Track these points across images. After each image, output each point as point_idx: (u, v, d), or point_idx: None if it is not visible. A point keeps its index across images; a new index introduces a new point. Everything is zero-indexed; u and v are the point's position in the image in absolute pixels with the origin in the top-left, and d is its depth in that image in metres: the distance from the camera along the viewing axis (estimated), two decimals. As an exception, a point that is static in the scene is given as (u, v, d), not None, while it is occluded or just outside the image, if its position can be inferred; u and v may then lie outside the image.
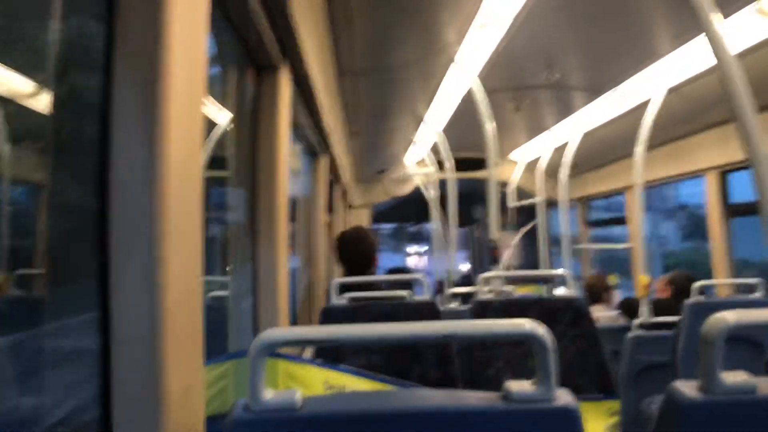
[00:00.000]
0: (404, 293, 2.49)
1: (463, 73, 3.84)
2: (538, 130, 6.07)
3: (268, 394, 0.83)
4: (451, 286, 5.52)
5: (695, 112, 4.56)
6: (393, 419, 0.83)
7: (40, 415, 1.18)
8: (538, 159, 6.82)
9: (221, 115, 2.31)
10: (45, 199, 1.36)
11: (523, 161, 7.35)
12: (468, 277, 10.31)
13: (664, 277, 4.49)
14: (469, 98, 4.03)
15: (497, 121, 3.93)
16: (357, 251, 3.09)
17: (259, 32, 1.82)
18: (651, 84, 4.03)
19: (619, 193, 6.88)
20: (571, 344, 2.44)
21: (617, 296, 5.43)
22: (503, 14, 3.09)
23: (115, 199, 0.96)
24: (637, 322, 3.63)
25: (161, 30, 0.95)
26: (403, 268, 7.78)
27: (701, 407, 0.88)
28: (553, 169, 6.43)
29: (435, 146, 5.90)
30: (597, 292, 5.02)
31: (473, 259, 11.95)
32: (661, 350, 3.19)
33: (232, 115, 2.21)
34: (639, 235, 4.36)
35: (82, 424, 1.16)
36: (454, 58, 3.67)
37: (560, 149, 6.12)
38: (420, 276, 2.66)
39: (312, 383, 1.44)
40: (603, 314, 4.71)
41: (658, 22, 3.22)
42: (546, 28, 3.38)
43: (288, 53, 2.13)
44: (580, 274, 7.45)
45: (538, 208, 6.90)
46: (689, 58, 3.50)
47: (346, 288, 2.53)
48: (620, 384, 3.26)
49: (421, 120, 5.47)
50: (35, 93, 1.27)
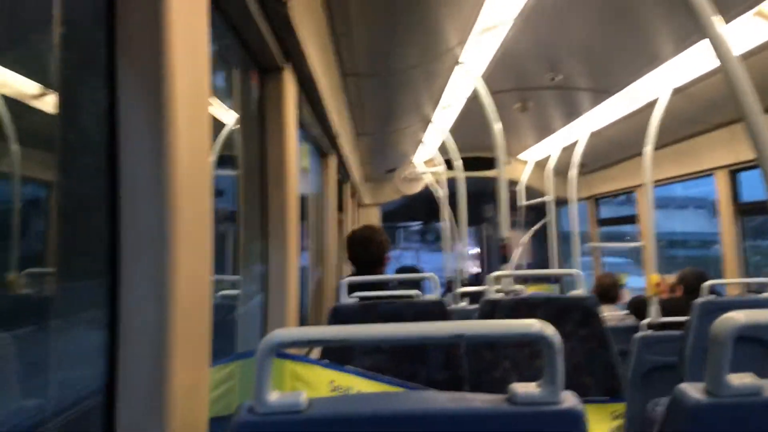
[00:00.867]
0: (413, 292, 2.49)
1: (468, 75, 3.83)
2: (546, 130, 6.06)
3: (274, 396, 0.83)
4: (460, 285, 5.52)
5: (703, 112, 4.54)
6: (398, 421, 0.83)
7: (42, 414, 1.19)
8: (547, 158, 6.80)
9: (229, 117, 2.33)
10: (55, 200, 1.37)
11: (532, 160, 7.34)
12: (478, 276, 10.29)
13: (671, 277, 4.47)
14: (475, 99, 4.03)
15: (505, 121, 3.92)
16: (367, 251, 3.09)
17: (261, 35, 1.83)
18: (657, 85, 4.01)
19: (629, 192, 6.86)
20: (580, 344, 2.43)
21: (627, 295, 5.41)
22: (506, 16, 3.09)
23: (124, 200, 0.97)
24: (645, 321, 3.62)
25: (163, 34, 0.96)
26: (412, 267, 7.77)
27: (707, 409, 0.88)
28: (563, 168, 6.41)
29: (444, 146, 5.90)
30: (606, 291, 5.00)
31: (483, 257, 11.92)
32: (669, 350, 3.17)
33: (238, 116, 2.22)
34: (650, 233, 4.34)
35: (86, 423, 1.17)
36: (459, 60, 3.66)
37: (569, 148, 6.11)
38: (429, 275, 2.66)
39: (318, 384, 1.45)
40: (611, 314, 4.69)
41: (661, 25, 3.21)
42: (549, 31, 3.38)
43: (291, 56, 2.14)
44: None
45: (548, 207, 6.88)
46: (694, 60, 3.49)
47: (356, 287, 2.53)
48: (627, 385, 3.24)
49: (428, 120, 5.47)
50: (44, 94, 1.28)
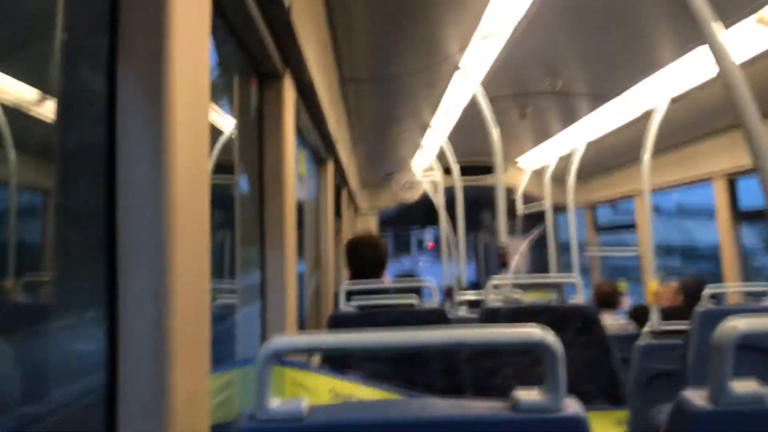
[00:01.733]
0: (413, 299, 2.49)
1: (466, 81, 3.84)
2: (544, 136, 6.06)
3: (275, 403, 0.82)
4: (460, 292, 5.51)
5: (701, 118, 4.55)
6: (399, 428, 0.82)
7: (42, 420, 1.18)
8: (545, 165, 6.81)
9: (227, 123, 2.32)
10: (52, 206, 1.36)
11: (530, 167, 7.35)
12: (477, 283, 10.30)
13: (670, 285, 4.46)
14: (474, 105, 4.03)
15: (503, 127, 3.93)
16: (367, 258, 3.09)
17: (261, 41, 1.83)
18: (655, 92, 4.02)
19: (627, 198, 6.86)
20: (580, 351, 2.42)
21: (627, 303, 5.41)
22: (506, 23, 3.09)
23: (122, 206, 0.97)
24: (646, 329, 3.61)
25: (164, 39, 0.96)
26: (411, 274, 7.77)
27: (710, 417, 0.87)
28: (561, 174, 6.42)
29: (441, 152, 5.91)
30: (606, 299, 5.00)
31: (481, 264, 11.92)
32: (670, 358, 3.17)
33: (237, 122, 2.22)
34: (648, 241, 4.34)
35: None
36: (458, 66, 3.67)
37: (567, 155, 6.12)
38: (428, 282, 2.66)
39: (318, 391, 1.44)
40: (612, 321, 4.68)
41: (660, 31, 3.22)
42: (548, 37, 3.38)
43: (290, 62, 2.14)
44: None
45: (546, 214, 6.88)
46: (693, 67, 3.49)
47: (355, 294, 2.52)
48: (629, 392, 3.23)
49: (426, 126, 5.47)
50: (42, 100, 1.27)
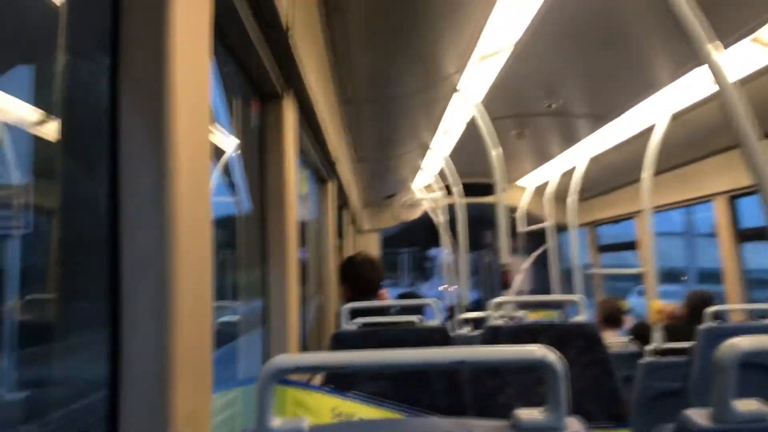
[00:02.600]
0: (415, 318, 2.48)
1: (466, 101, 3.86)
2: (544, 156, 6.09)
3: (276, 422, 0.82)
4: (462, 311, 5.49)
5: (701, 138, 4.56)
6: None
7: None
8: (546, 184, 6.82)
9: (229, 143, 2.34)
10: (56, 226, 1.36)
11: (531, 186, 7.36)
12: (479, 302, 10.26)
13: (672, 303, 4.45)
14: (474, 125, 4.05)
15: (504, 147, 3.95)
16: (365, 276, 3.08)
17: (262, 63, 1.85)
18: (654, 112, 4.04)
19: (628, 218, 6.86)
20: (583, 370, 2.41)
21: (630, 321, 5.38)
22: (504, 44, 3.12)
23: (125, 227, 0.97)
24: (649, 347, 3.59)
25: (165, 60, 0.97)
26: (413, 293, 7.74)
27: None
28: (562, 194, 6.43)
29: (443, 172, 5.92)
30: (609, 317, 4.98)
31: (484, 284, 11.90)
32: (674, 377, 3.15)
33: (239, 143, 2.23)
34: (650, 259, 4.34)
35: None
36: (457, 87, 3.69)
37: (567, 175, 6.13)
38: (431, 301, 2.65)
39: (320, 410, 1.43)
40: (614, 340, 4.66)
41: (658, 52, 3.24)
42: (547, 58, 3.41)
43: (291, 83, 2.16)
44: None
45: (548, 233, 6.88)
46: (692, 87, 3.51)
47: (357, 313, 2.51)
48: (632, 411, 3.21)
49: (427, 146, 5.49)
50: (44, 121, 1.28)
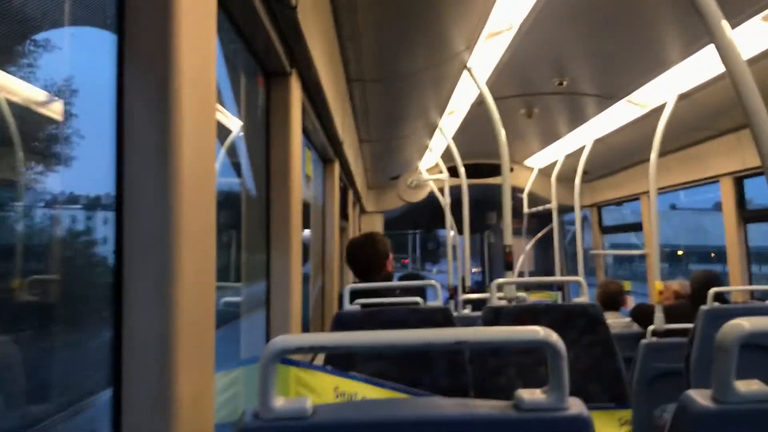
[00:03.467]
0: (417, 299, 2.49)
1: (473, 80, 3.84)
2: (551, 136, 6.06)
3: (279, 402, 0.82)
4: (464, 292, 5.50)
5: (708, 118, 4.54)
6: (404, 427, 0.83)
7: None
8: (551, 165, 6.80)
9: (233, 122, 2.33)
10: (62, 205, 1.37)
11: (536, 167, 7.34)
12: (481, 283, 10.28)
13: (674, 283, 4.45)
14: (480, 105, 4.03)
15: (510, 127, 3.92)
16: (365, 257, 3.09)
17: (268, 40, 1.83)
18: (662, 91, 4.01)
19: (633, 199, 6.85)
20: (584, 351, 2.42)
21: (631, 302, 5.39)
22: (514, 20, 3.09)
23: (128, 207, 0.97)
24: (650, 328, 3.61)
25: (171, 38, 0.96)
26: (416, 274, 7.76)
27: (714, 416, 0.87)
28: (567, 175, 6.40)
29: (448, 152, 5.90)
30: (611, 298, 4.99)
31: (486, 265, 11.92)
32: (674, 357, 3.17)
33: (243, 122, 2.22)
34: (654, 241, 4.33)
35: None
36: (465, 65, 3.67)
37: (573, 155, 6.10)
38: (432, 282, 2.66)
39: (323, 390, 1.44)
40: (616, 321, 4.67)
41: (668, 30, 3.21)
42: (555, 36, 3.38)
43: (297, 61, 2.14)
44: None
45: (553, 215, 6.87)
46: (701, 65, 3.48)
47: (359, 294, 2.52)
48: (633, 392, 3.23)
49: (433, 126, 5.47)
50: (48, 101, 1.28)
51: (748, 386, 0.88)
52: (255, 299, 2.20)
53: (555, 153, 6.56)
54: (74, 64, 1.27)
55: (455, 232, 6.90)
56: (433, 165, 7.19)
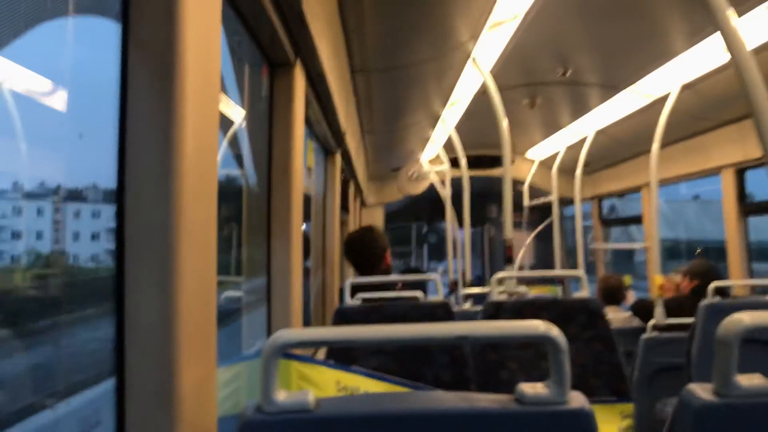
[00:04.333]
0: (418, 294, 2.49)
1: (477, 70, 3.83)
2: (553, 127, 6.04)
3: (281, 395, 0.83)
4: (465, 286, 5.50)
5: (711, 108, 4.52)
6: (406, 421, 0.83)
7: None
8: (552, 157, 6.78)
9: (236, 112, 2.32)
10: (62, 197, 1.37)
11: (537, 159, 7.32)
12: (481, 277, 10.28)
13: (675, 276, 4.43)
14: (482, 95, 4.01)
15: (512, 118, 3.91)
16: (363, 251, 3.09)
17: (272, 30, 1.82)
18: (666, 81, 4.00)
19: (634, 191, 6.83)
20: (585, 346, 2.42)
21: (632, 297, 5.39)
22: (517, 11, 3.08)
23: (130, 198, 0.97)
24: (651, 323, 3.61)
25: (175, 27, 0.95)
26: (416, 269, 7.76)
27: (716, 410, 0.87)
28: (568, 167, 6.39)
29: (449, 143, 5.89)
30: (611, 293, 4.98)
31: (486, 258, 11.91)
32: (675, 352, 3.17)
33: (246, 112, 2.21)
34: (654, 234, 4.33)
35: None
36: (469, 55, 3.65)
37: (574, 147, 6.09)
38: (433, 276, 2.65)
39: (325, 384, 1.44)
40: (616, 315, 4.67)
41: (673, 19, 3.19)
42: (560, 26, 3.37)
43: (301, 51, 2.13)
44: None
45: (553, 207, 6.86)
46: (705, 55, 3.47)
47: (360, 288, 2.52)
48: (633, 386, 3.24)
49: (435, 117, 5.45)
50: (52, 90, 1.27)
51: (749, 380, 0.88)
52: (256, 293, 2.20)
53: (556, 144, 6.54)
54: (78, 53, 1.27)
55: (456, 225, 6.89)
56: (434, 156, 7.17)
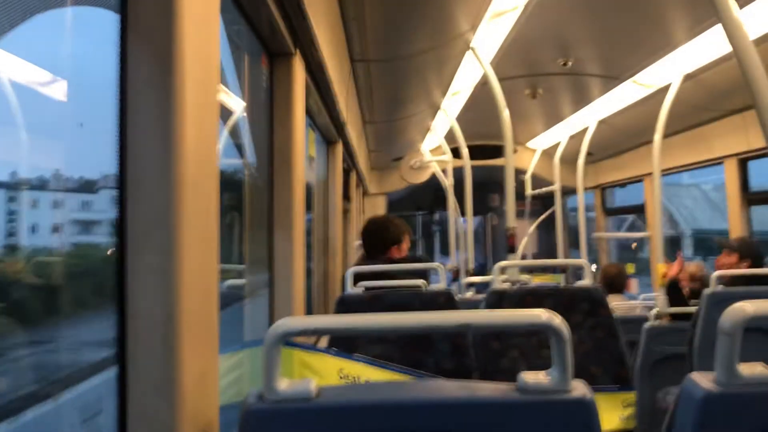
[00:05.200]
0: (420, 282, 2.49)
1: (477, 60, 3.81)
2: (555, 117, 6.02)
3: (283, 384, 0.83)
4: (467, 275, 5.50)
5: (714, 99, 4.51)
6: (408, 409, 0.83)
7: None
8: (555, 146, 6.77)
9: (236, 103, 2.31)
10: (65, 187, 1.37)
11: (539, 149, 7.31)
12: (484, 266, 10.28)
13: (690, 265, 4.38)
14: (484, 85, 4.00)
15: (513, 108, 3.90)
16: (372, 238, 3.10)
17: (271, 19, 1.82)
18: (668, 71, 3.98)
19: (636, 181, 6.82)
20: (588, 334, 2.42)
21: (634, 285, 5.39)
22: (518, 1, 3.06)
23: (132, 187, 0.97)
24: (653, 312, 3.61)
25: (174, 17, 0.95)
26: (419, 257, 7.76)
27: (717, 399, 0.87)
28: (570, 156, 6.38)
29: (451, 133, 5.88)
30: (613, 281, 4.98)
31: (489, 247, 11.91)
32: (678, 341, 3.17)
33: (246, 102, 2.21)
34: (657, 223, 4.32)
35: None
36: (469, 45, 3.64)
37: (577, 137, 6.08)
38: (435, 265, 2.65)
39: (327, 372, 1.45)
40: (619, 304, 4.67)
41: (674, 9, 3.18)
42: (561, 16, 3.35)
43: (301, 41, 2.13)
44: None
45: (556, 196, 6.85)
46: (707, 46, 3.45)
47: (363, 277, 2.52)
48: (636, 375, 3.24)
49: (436, 107, 5.44)
50: (51, 81, 1.27)
51: (751, 369, 0.88)
52: (258, 282, 2.20)
53: (559, 134, 6.53)
54: (76, 44, 1.26)
55: (458, 214, 6.88)
56: (436, 146, 7.16)
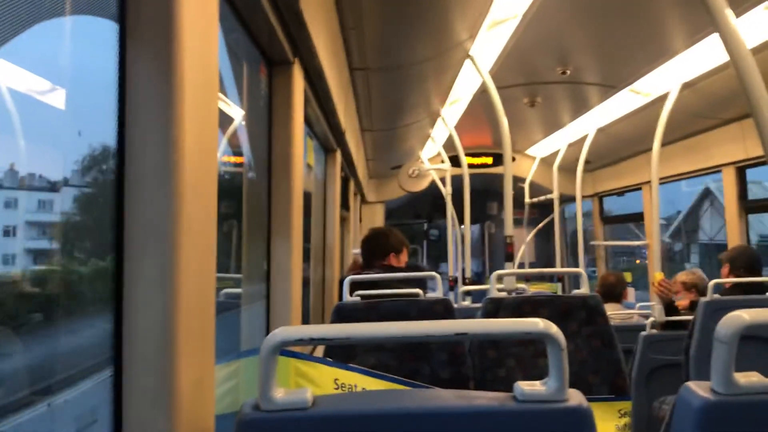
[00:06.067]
0: (418, 291, 2.49)
1: (476, 69, 3.83)
2: (553, 125, 6.04)
3: (279, 393, 0.83)
4: (465, 283, 5.50)
5: (711, 107, 4.52)
6: (403, 419, 0.83)
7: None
8: (553, 154, 6.78)
9: (235, 111, 2.32)
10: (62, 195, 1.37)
11: (538, 157, 7.32)
12: (481, 274, 10.28)
13: (683, 275, 4.37)
14: (482, 94, 4.01)
15: (512, 116, 3.91)
16: (369, 248, 3.13)
17: (270, 28, 1.83)
18: (666, 80, 4.00)
19: (634, 190, 6.82)
20: (584, 343, 2.42)
21: (631, 294, 5.38)
22: (516, 10, 3.08)
23: (130, 197, 0.97)
24: (650, 320, 3.61)
25: (173, 26, 0.96)
26: (417, 266, 7.75)
27: (714, 408, 0.87)
28: (569, 164, 6.39)
29: (450, 142, 5.89)
30: (611, 290, 4.97)
31: (486, 255, 11.91)
32: (674, 350, 3.17)
33: (245, 110, 2.21)
34: (655, 231, 4.32)
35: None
36: (468, 54, 3.66)
37: (575, 145, 6.09)
38: (432, 273, 2.65)
39: (323, 382, 1.45)
40: (616, 312, 4.67)
41: (672, 19, 3.19)
42: (559, 25, 3.37)
43: (299, 49, 2.13)
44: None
45: (554, 204, 6.86)
46: (705, 54, 3.47)
47: (360, 285, 2.52)
48: (632, 383, 3.24)
49: (435, 115, 5.45)
50: (51, 89, 1.27)
51: (747, 378, 0.88)
52: (255, 291, 2.20)
53: (557, 142, 6.54)
54: (76, 52, 1.27)
55: (456, 222, 6.89)
56: (434, 154, 7.17)
